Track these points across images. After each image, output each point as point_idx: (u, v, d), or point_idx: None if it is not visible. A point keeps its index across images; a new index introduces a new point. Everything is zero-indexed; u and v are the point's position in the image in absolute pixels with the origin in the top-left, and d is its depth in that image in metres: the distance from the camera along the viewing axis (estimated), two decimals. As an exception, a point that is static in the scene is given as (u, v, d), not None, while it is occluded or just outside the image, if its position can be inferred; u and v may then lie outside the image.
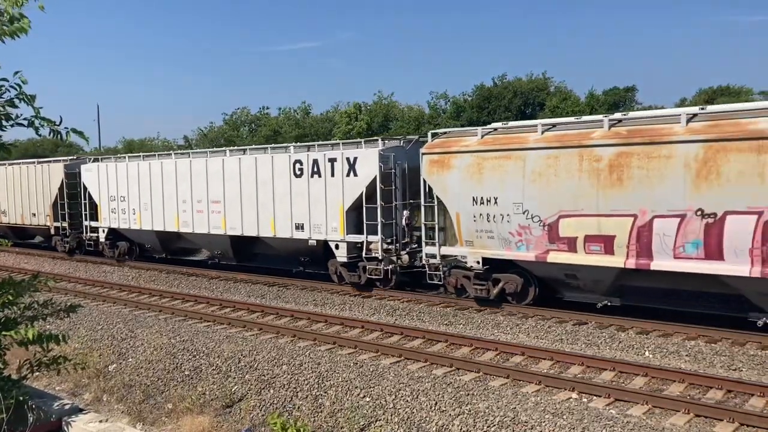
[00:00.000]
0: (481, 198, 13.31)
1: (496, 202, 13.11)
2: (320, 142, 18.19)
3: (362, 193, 15.60)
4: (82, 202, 23.82)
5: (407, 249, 15.68)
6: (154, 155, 21.99)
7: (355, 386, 9.45)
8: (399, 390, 9.15)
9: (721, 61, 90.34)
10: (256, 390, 10.02)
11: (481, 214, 13.35)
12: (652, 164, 11.19)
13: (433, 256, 14.37)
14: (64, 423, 7.69)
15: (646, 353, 10.81)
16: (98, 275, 21.42)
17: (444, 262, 14.43)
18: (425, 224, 14.66)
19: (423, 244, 14.74)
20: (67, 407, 8.07)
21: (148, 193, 20.93)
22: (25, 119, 5.98)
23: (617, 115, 12.32)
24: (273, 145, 19.60)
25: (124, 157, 22.89)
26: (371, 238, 15.61)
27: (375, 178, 15.37)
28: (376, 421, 8.60)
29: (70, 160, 25.42)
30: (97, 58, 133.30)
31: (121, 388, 11.25)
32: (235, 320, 14.22)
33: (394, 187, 15.50)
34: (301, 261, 18.03)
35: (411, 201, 15.50)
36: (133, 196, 21.48)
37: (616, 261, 11.67)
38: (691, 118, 11.12)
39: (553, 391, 9.25)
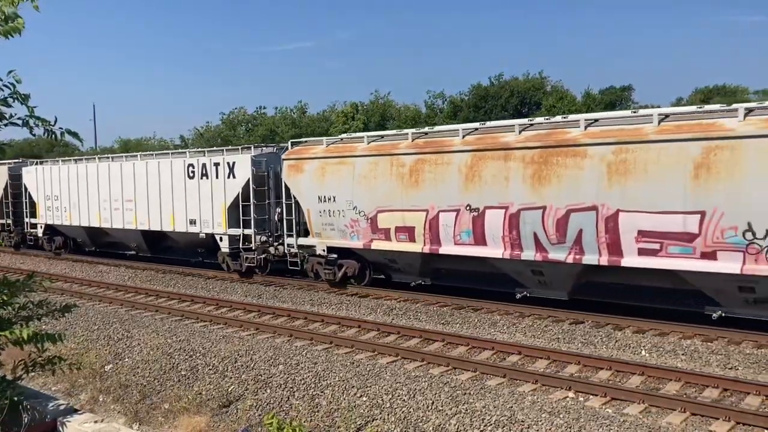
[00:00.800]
0: (325, 196, 15.81)
1: (335, 200, 15.64)
2: (211, 148, 21.13)
3: (239, 193, 18.17)
4: (24, 201, 26.73)
5: (280, 241, 17.83)
6: (82, 159, 24.85)
7: (352, 386, 9.44)
8: (396, 389, 9.15)
9: (718, 60, 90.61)
10: (252, 390, 10.00)
11: (325, 210, 15.89)
12: (438, 169, 13.84)
13: (292, 246, 17.10)
14: (59, 423, 7.67)
15: (643, 352, 10.83)
16: (94, 275, 21.38)
17: (302, 251, 16.96)
18: (286, 219, 17.19)
19: (285, 236, 17.33)
20: (62, 407, 8.06)
21: (76, 193, 23.74)
22: (19, 119, 5.96)
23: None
24: (173, 150, 23.41)
25: (58, 161, 25.65)
26: (247, 231, 18.17)
27: (249, 180, 17.94)
28: (372, 421, 8.59)
29: (14, 163, 28.31)
30: (94, 58, 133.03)
31: (118, 388, 11.22)
32: (231, 320, 14.20)
33: (267, 188, 18.08)
34: (198, 252, 21.29)
35: (285, 200, 17.49)
36: (65, 195, 24.27)
37: (417, 247, 14.35)
38: (468, 133, 13.83)
39: (549, 390, 9.26)
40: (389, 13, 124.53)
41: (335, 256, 16.21)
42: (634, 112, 12.62)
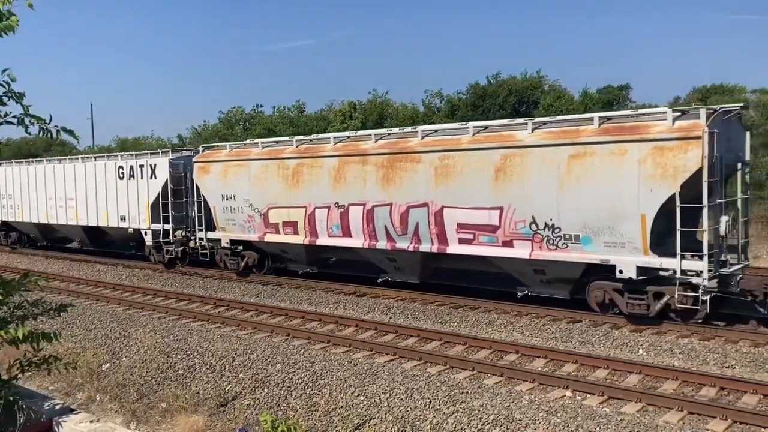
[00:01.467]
0: (227, 195, 18.09)
1: (235, 198, 17.89)
2: (140, 152, 23.02)
3: (159, 192, 20.38)
4: None
5: (197, 235, 19.85)
6: (31, 161, 27.04)
7: (350, 385, 9.42)
8: (393, 388, 9.14)
9: (715, 59, 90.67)
10: (250, 389, 9.99)
11: (227, 207, 18.17)
12: (314, 172, 16.06)
13: (203, 239, 19.18)
14: (54, 423, 7.64)
15: (640, 351, 10.83)
16: (91, 274, 21.34)
17: (212, 244, 19.05)
18: (197, 215, 19.29)
19: (197, 230, 19.49)
20: (58, 407, 8.03)
21: (27, 191, 26.12)
22: (14, 117, 5.92)
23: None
24: (107, 153, 26.04)
25: (12, 162, 27.84)
26: (167, 226, 20.47)
27: (167, 181, 20.20)
28: (370, 420, 8.58)
29: None
30: (91, 57, 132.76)
31: (115, 387, 11.19)
32: (228, 319, 14.18)
33: (184, 187, 20.31)
34: (130, 245, 23.40)
35: (196, 198, 19.62)
36: (17, 194, 26.81)
37: (300, 239, 16.60)
38: (338, 141, 16.00)
39: (547, 389, 9.25)
40: (387, 12, 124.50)
41: (241, 247, 18.56)
42: (464, 124, 14.33)
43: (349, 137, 16.20)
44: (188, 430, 9.14)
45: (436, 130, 14.57)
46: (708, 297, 11.17)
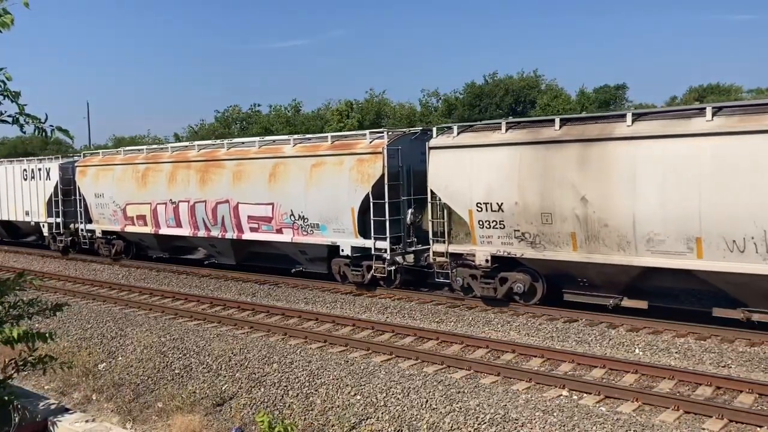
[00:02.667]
0: (98, 194, 22.30)
1: (104, 196, 22.06)
2: (41, 157, 27.20)
3: (52, 191, 24.55)
4: None
5: (79, 227, 23.78)
6: None
7: (346, 384, 9.42)
8: (390, 388, 9.13)
9: (712, 59, 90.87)
10: (246, 388, 9.97)
11: (99, 203, 22.32)
12: (156, 175, 19.99)
13: (84, 230, 23.44)
14: (50, 423, 7.62)
15: (636, 350, 10.84)
16: (88, 273, 21.28)
17: (90, 234, 23.11)
18: (79, 210, 23.50)
19: (79, 223, 23.63)
20: (53, 407, 8.01)
21: None
22: (9, 116, 5.90)
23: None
24: (24, 158, 29.62)
25: None
26: (58, 220, 24.79)
27: (57, 182, 24.30)
28: (367, 419, 8.57)
29: None
30: (88, 57, 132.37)
31: (111, 387, 11.16)
32: (225, 318, 14.15)
33: (73, 187, 23.92)
34: (36, 237, 27.35)
35: (77, 196, 23.66)
36: None
37: (148, 230, 20.77)
38: (174, 150, 20.33)
39: (543, 389, 9.26)
40: (384, 12, 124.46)
41: (114, 237, 22.44)
42: (262, 138, 18.70)
43: (186, 146, 20.76)
44: (184, 429, 9.13)
45: (243, 142, 19.16)
46: (393, 268, 15.27)
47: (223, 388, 10.11)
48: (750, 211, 10.20)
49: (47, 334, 6.61)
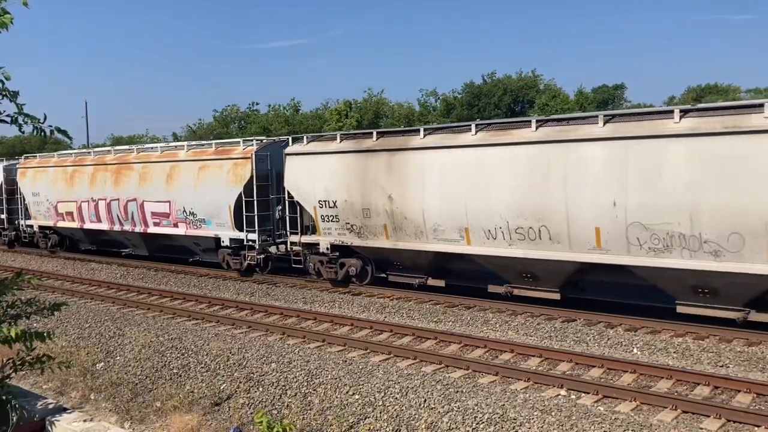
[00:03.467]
0: (35, 193, 24.96)
1: (40, 195, 24.70)
2: None
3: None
4: None
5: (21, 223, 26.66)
6: None
7: (344, 384, 9.42)
8: (388, 387, 9.13)
9: (711, 59, 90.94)
10: (244, 388, 9.96)
11: (36, 202, 25.03)
12: (81, 176, 22.75)
13: (24, 226, 26.23)
14: (47, 423, 7.62)
15: (635, 350, 10.85)
16: (86, 273, 21.27)
17: (30, 229, 25.87)
18: (19, 208, 26.35)
19: (20, 219, 26.47)
20: (51, 406, 8.00)
21: None
22: (8, 116, 5.89)
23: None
24: None
25: None
26: (3, 216, 27.30)
27: (2, 182, 26.95)
28: (365, 419, 8.57)
29: None
30: (87, 56, 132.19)
31: (109, 386, 11.15)
32: (223, 318, 14.14)
33: (16, 187, 26.40)
34: None
35: (18, 195, 26.65)
36: None
37: (76, 225, 23.34)
38: (96, 154, 23.40)
39: (541, 388, 9.27)
40: (383, 11, 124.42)
41: (50, 231, 25.05)
42: (166, 144, 21.87)
43: (107, 151, 23.43)
44: (182, 429, 9.12)
45: (151, 147, 21.82)
46: (263, 256, 17.89)
47: (222, 388, 10.11)
48: (497, 207, 12.81)
49: (45, 334, 6.59)
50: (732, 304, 11.04)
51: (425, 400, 8.63)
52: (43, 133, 5.90)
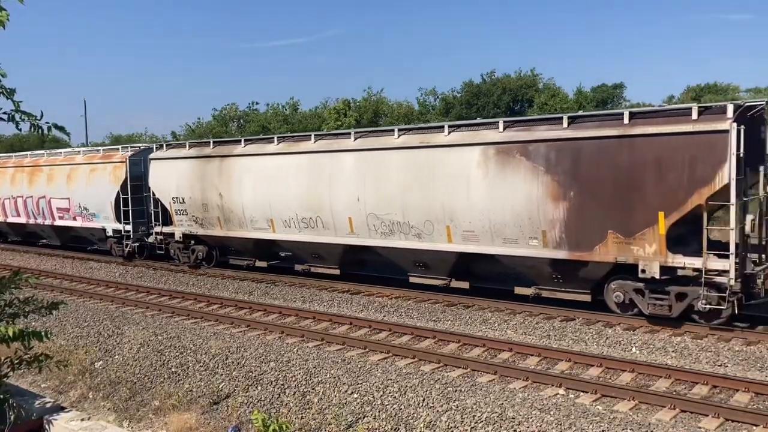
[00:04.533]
0: None
1: None
2: None
3: None
4: None
5: None
6: None
7: (343, 383, 9.41)
8: (387, 386, 9.13)
9: (711, 58, 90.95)
10: (243, 387, 9.96)
11: None
12: (2, 177, 26.40)
13: None
14: (45, 421, 7.60)
15: (633, 349, 10.85)
16: (84, 272, 21.24)
17: None
18: None
19: None
20: (48, 405, 7.98)
21: None
22: (5, 113, 5.87)
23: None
24: None
25: None
26: None
27: None
28: (363, 418, 8.57)
29: None
30: (86, 54, 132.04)
31: (108, 385, 11.14)
32: (222, 317, 14.13)
33: None
34: None
35: None
36: None
37: (2, 219, 26.95)
38: (17, 157, 27.40)
39: (540, 387, 9.26)
40: (382, 10, 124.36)
41: None
42: (75, 149, 26.95)
43: (24, 156, 27.16)
44: (181, 428, 9.11)
45: (60, 152, 25.66)
46: (137, 244, 21.56)
47: (220, 387, 10.10)
48: (290, 203, 16.27)
49: (43, 333, 6.58)
50: (439, 273, 14.51)
51: (424, 399, 8.63)
52: (40, 131, 5.88)
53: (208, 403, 9.79)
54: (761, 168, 11.15)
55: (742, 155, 10.39)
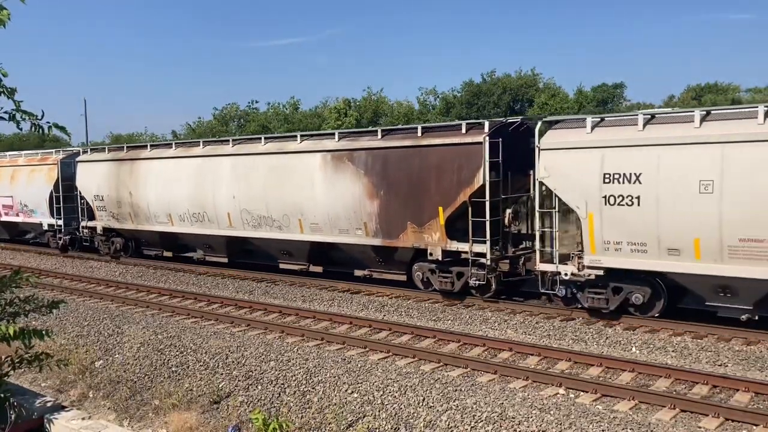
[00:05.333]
0: None
1: None
2: None
3: None
4: None
5: None
6: None
7: (343, 382, 9.42)
8: (387, 386, 9.13)
9: (711, 58, 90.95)
10: (243, 386, 9.96)
11: None
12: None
13: None
14: (45, 420, 7.61)
15: (633, 349, 10.86)
16: (85, 271, 21.24)
17: None
18: None
19: None
20: (49, 404, 7.98)
21: None
22: (5, 113, 5.87)
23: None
24: None
25: None
26: None
27: None
28: (363, 417, 8.57)
29: None
30: (86, 54, 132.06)
31: (108, 384, 11.14)
32: (222, 316, 14.13)
33: None
34: None
35: None
36: None
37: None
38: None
39: (540, 387, 9.27)
40: (382, 9, 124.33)
41: None
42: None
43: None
44: (181, 427, 9.11)
45: (2, 155, 27.68)
46: (69, 237, 23.94)
47: (220, 386, 10.10)
48: (184, 200, 18.92)
49: (43, 332, 6.58)
50: (300, 260, 17.08)
51: (424, 399, 8.63)
52: (41, 130, 5.88)
53: (209, 403, 9.79)
54: (531, 172, 13.03)
55: (499, 161, 13.05)
